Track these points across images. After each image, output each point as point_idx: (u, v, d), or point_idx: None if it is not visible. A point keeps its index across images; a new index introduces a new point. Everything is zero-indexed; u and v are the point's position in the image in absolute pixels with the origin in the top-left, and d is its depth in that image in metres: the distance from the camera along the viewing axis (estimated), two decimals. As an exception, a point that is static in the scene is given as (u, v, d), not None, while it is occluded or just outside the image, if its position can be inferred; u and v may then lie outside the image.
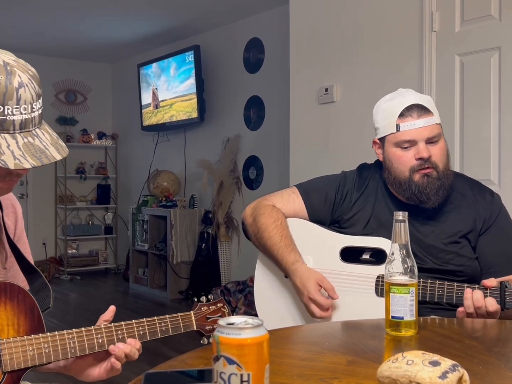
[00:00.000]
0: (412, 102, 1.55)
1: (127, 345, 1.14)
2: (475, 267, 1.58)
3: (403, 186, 1.57)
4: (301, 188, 1.73)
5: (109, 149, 6.92)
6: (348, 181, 1.70)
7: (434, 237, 1.58)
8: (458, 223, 1.59)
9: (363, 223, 1.63)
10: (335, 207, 1.67)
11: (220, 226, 5.13)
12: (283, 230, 1.63)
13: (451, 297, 1.44)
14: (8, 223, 1.27)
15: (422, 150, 1.53)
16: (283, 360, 1.02)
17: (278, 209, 1.68)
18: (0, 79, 0.97)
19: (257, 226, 1.66)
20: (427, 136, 1.53)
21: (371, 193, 1.67)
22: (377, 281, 1.54)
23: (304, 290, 1.52)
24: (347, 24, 3.36)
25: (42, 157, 1.02)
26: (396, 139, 1.55)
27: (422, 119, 1.53)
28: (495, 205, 1.62)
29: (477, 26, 2.75)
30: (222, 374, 0.70)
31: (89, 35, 5.64)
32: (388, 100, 1.61)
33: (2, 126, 0.99)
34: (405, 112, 1.54)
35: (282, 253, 1.59)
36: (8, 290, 1.10)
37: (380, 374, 0.86)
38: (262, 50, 4.91)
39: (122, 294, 5.67)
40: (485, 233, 1.59)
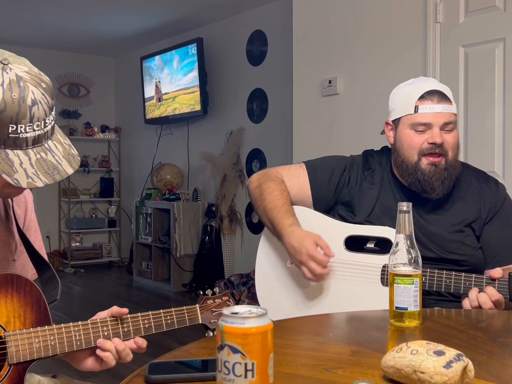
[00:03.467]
0: (433, 87, 1.55)
1: (122, 342, 1.13)
2: (478, 257, 1.58)
3: (409, 170, 1.56)
4: (308, 165, 1.74)
5: (112, 143, 6.93)
6: (355, 166, 1.70)
7: (439, 226, 1.58)
8: (463, 212, 1.59)
9: (368, 210, 1.62)
10: (338, 188, 1.68)
11: (224, 219, 5.13)
12: (287, 200, 1.63)
13: (459, 287, 1.44)
14: (19, 212, 1.28)
15: (436, 135, 1.52)
16: (287, 350, 1.02)
17: (285, 184, 1.69)
18: (13, 97, 0.97)
19: (262, 189, 1.67)
20: (443, 121, 1.53)
21: (377, 180, 1.66)
22: (382, 271, 1.53)
23: (302, 248, 1.50)
24: (350, 15, 3.35)
25: (55, 174, 1.03)
26: (413, 120, 1.55)
27: (441, 104, 1.53)
28: (500, 194, 1.62)
29: (481, 17, 2.74)
30: (226, 363, 0.71)
31: (92, 28, 5.63)
32: (409, 83, 1.61)
33: (15, 143, 1.00)
34: (426, 95, 1.53)
35: (281, 216, 1.59)
36: (15, 281, 1.11)
37: (384, 364, 0.86)
38: (265, 42, 4.90)
39: (125, 287, 5.69)
40: (490, 222, 1.59)
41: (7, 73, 0.98)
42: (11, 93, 0.97)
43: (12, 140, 0.99)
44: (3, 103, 0.97)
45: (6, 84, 0.97)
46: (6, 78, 0.98)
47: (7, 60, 1.00)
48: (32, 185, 1.01)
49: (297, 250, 1.52)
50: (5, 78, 0.98)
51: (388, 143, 1.69)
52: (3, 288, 1.09)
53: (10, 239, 1.24)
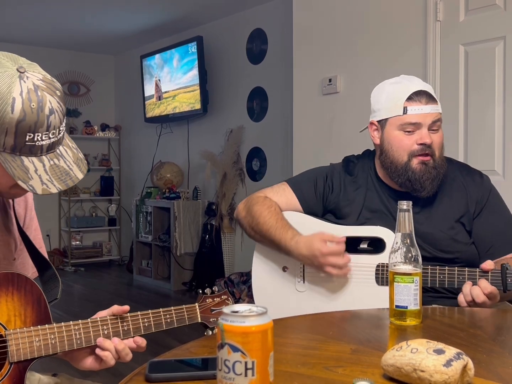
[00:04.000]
0: (420, 88, 1.55)
1: (122, 342, 1.13)
2: (472, 252, 1.58)
3: (399, 171, 1.57)
4: (290, 181, 1.74)
5: (112, 141, 6.92)
6: (336, 171, 1.70)
7: (429, 225, 1.58)
8: (450, 209, 1.60)
9: (356, 214, 1.63)
10: (325, 196, 1.68)
11: (224, 217, 5.13)
12: (277, 214, 1.63)
13: (453, 282, 1.44)
14: (19, 211, 1.28)
15: (425, 136, 1.53)
16: (288, 349, 1.02)
17: (270, 199, 1.68)
18: (32, 107, 0.99)
19: (251, 215, 1.67)
20: (431, 121, 1.54)
21: (362, 184, 1.67)
22: (377, 270, 1.54)
23: (315, 251, 1.50)
24: (350, 14, 3.35)
25: (67, 180, 1.05)
26: (401, 121, 1.55)
27: (429, 105, 1.54)
28: (485, 186, 1.63)
29: (481, 15, 2.73)
30: (226, 362, 0.71)
31: (92, 26, 5.63)
32: (393, 83, 1.61)
33: (31, 151, 1.01)
34: (413, 96, 1.54)
35: (280, 233, 1.58)
36: (16, 280, 1.11)
37: (385, 362, 0.86)
38: (265, 41, 4.89)
39: (126, 286, 5.69)
40: (479, 215, 1.59)
41: (25, 81, 1.00)
42: (30, 103, 0.99)
43: (28, 148, 1.01)
44: (23, 113, 0.98)
45: (25, 93, 0.99)
46: (24, 87, 0.99)
47: (23, 67, 1.01)
48: (46, 192, 1.03)
49: (311, 256, 1.52)
50: (23, 87, 0.99)
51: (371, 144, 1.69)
52: (4, 286, 1.10)
53: (10, 238, 1.24)
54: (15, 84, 0.99)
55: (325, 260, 1.50)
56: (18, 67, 1.01)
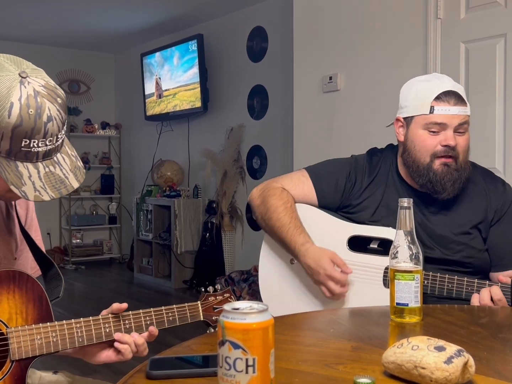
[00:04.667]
0: (450, 88, 1.52)
1: (141, 337, 1.15)
2: (484, 259, 1.56)
3: (420, 171, 1.54)
4: (311, 171, 1.69)
5: (113, 139, 6.92)
6: (359, 166, 1.67)
7: (445, 227, 1.56)
8: (469, 213, 1.57)
9: (371, 210, 1.61)
10: (345, 193, 1.65)
11: (224, 215, 5.13)
12: (292, 213, 1.60)
13: (461, 292, 1.43)
14: (20, 211, 1.29)
15: (449, 137, 1.51)
16: (288, 346, 1.02)
17: (287, 192, 1.65)
18: (30, 113, 0.98)
19: (265, 207, 1.64)
20: (458, 123, 1.51)
21: (382, 179, 1.64)
22: (385, 272, 1.52)
23: (319, 269, 1.49)
24: (351, 11, 3.34)
25: (61, 188, 1.05)
26: (427, 120, 1.52)
27: (457, 107, 1.51)
28: (507, 195, 1.59)
29: (482, 13, 2.73)
30: (227, 359, 0.71)
31: (92, 25, 5.62)
32: (423, 80, 1.58)
33: (26, 156, 1.01)
34: (442, 96, 1.51)
35: (291, 235, 1.56)
36: (17, 278, 1.11)
37: (385, 360, 0.86)
38: (265, 39, 4.89)
39: (126, 284, 5.69)
40: (497, 223, 1.57)
41: (25, 87, 0.99)
42: (28, 109, 0.98)
43: (23, 154, 1.01)
44: (20, 118, 0.98)
45: (24, 99, 0.98)
46: (24, 92, 0.99)
47: (25, 72, 1.01)
48: (38, 199, 1.02)
49: (314, 271, 1.51)
50: (23, 92, 0.99)
51: (395, 139, 1.66)
52: (5, 284, 1.10)
53: (10, 238, 1.25)
54: (15, 88, 0.98)
55: (325, 281, 1.50)
56: (21, 72, 1.00)
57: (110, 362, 1.17)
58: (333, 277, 1.48)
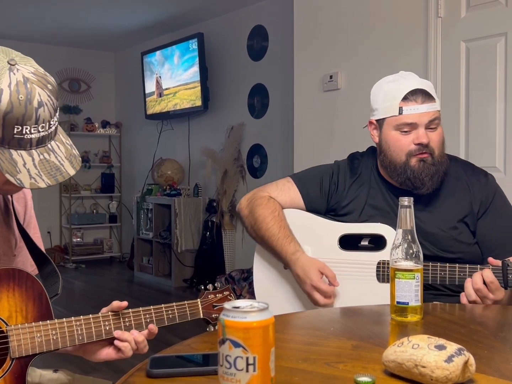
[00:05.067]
0: (416, 86, 1.54)
1: (140, 334, 1.15)
2: (475, 253, 1.57)
3: (398, 170, 1.56)
4: (296, 178, 1.72)
5: (113, 138, 6.92)
6: (341, 169, 1.69)
7: (432, 224, 1.57)
8: (453, 208, 1.58)
9: (358, 211, 1.63)
10: (330, 195, 1.67)
11: (224, 214, 5.13)
12: (281, 221, 1.62)
13: (454, 278, 1.44)
14: (18, 208, 1.28)
15: (421, 136, 1.52)
16: (288, 345, 1.02)
17: (274, 200, 1.67)
18: (20, 99, 0.98)
19: (254, 218, 1.65)
20: (428, 120, 1.53)
21: (365, 181, 1.66)
22: (378, 267, 1.54)
23: (306, 279, 1.52)
24: (351, 10, 3.34)
25: (57, 175, 1.04)
26: (397, 122, 1.54)
27: (425, 104, 1.52)
28: (490, 186, 1.61)
29: (483, 11, 2.73)
30: (228, 357, 0.71)
31: (92, 23, 5.62)
32: (390, 81, 1.59)
33: (19, 144, 1.01)
34: (409, 96, 1.53)
35: (281, 244, 1.58)
36: (17, 276, 1.11)
37: (386, 358, 0.86)
38: (266, 37, 4.89)
39: (127, 283, 5.69)
40: (484, 216, 1.58)
41: (14, 74, 0.99)
42: (18, 95, 0.98)
43: (16, 141, 1.00)
44: (10, 105, 0.97)
45: (13, 85, 0.98)
46: (13, 79, 0.98)
47: (14, 60, 1.01)
48: (34, 186, 1.01)
49: (302, 280, 1.54)
50: (12, 79, 0.98)
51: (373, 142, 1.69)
52: (5, 282, 1.10)
53: (10, 234, 1.24)
54: (4, 75, 0.98)
55: (310, 291, 1.53)
56: (9, 60, 1.00)
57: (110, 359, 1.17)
58: (318, 288, 1.51)
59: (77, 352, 1.19)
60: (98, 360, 1.19)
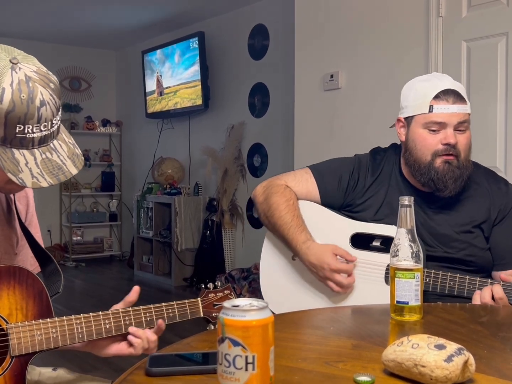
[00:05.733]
0: (449, 87, 1.53)
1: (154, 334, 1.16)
2: (486, 258, 1.57)
3: (422, 170, 1.55)
4: (315, 169, 1.70)
5: (114, 136, 6.92)
6: (362, 165, 1.67)
7: (447, 226, 1.57)
8: (472, 212, 1.58)
9: (375, 209, 1.61)
10: (348, 191, 1.65)
11: (225, 213, 5.13)
12: (294, 210, 1.61)
13: (463, 290, 1.44)
14: (20, 207, 1.28)
15: (450, 136, 1.51)
16: (288, 344, 1.02)
17: (290, 189, 1.66)
18: (22, 98, 0.98)
19: (268, 204, 1.65)
20: (457, 121, 1.52)
21: (385, 178, 1.65)
22: (387, 270, 1.52)
23: (324, 264, 1.50)
24: (352, 9, 3.34)
25: (59, 174, 1.04)
26: (427, 119, 1.53)
27: (456, 105, 1.51)
28: (510, 196, 1.60)
29: (484, 11, 2.72)
30: (227, 356, 0.71)
31: (93, 21, 5.62)
32: (423, 80, 1.59)
33: (21, 143, 1.00)
34: (441, 95, 1.51)
35: (293, 232, 1.57)
36: (17, 274, 1.11)
37: (385, 358, 0.86)
38: (267, 36, 4.88)
39: (126, 281, 5.69)
40: (500, 223, 1.57)
41: (16, 72, 0.99)
42: (20, 94, 0.98)
43: (18, 140, 1.00)
44: (12, 103, 0.97)
45: (15, 84, 0.98)
46: (15, 78, 0.98)
47: (16, 59, 1.00)
48: (36, 185, 1.01)
49: (318, 267, 1.52)
50: (14, 78, 0.98)
51: (398, 140, 1.67)
52: (6, 280, 1.10)
53: (12, 233, 1.24)
54: (6, 74, 0.98)
55: (331, 276, 1.50)
56: (11, 58, 1.00)
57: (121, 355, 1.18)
58: (339, 269, 1.49)
59: (86, 348, 1.19)
60: (107, 355, 1.19)
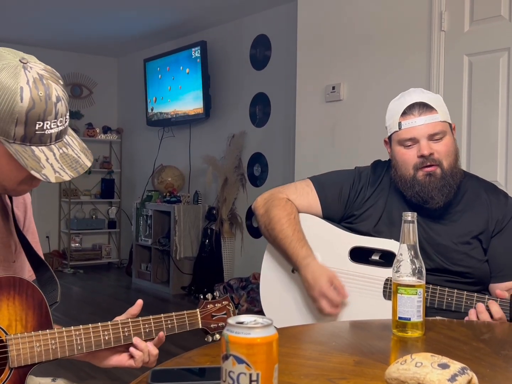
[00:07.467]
0: (415, 100, 1.55)
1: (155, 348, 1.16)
2: (484, 270, 1.57)
3: (407, 185, 1.56)
4: (316, 181, 1.71)
5: (114, 144, 6.92)
6: (363, 177, 1.69)
7: (445, 237, 1.57)
8: (470, 224, 1.58)
9: (375, 219, 1.62)
10: (349, 203, 1.66)
11: (224, 222, 5.13)
12: (295, 225, 1.62)
13: (460, 306, 1.44)
14: (18, 214, 1.28)
15: (423, 147, 1.52)
16: (291, 359, 1.01)
17: (291, 203, 1.67)
18: (40, 95, 0.99)
19: (269, 217, 1.65)
20: (428, 133, 1.52)
21: (384, 189, 1.66)
22: (385, 284, 1.53)
23: (315, 285, 1.51)
24: (355, 21, 3.35)
25: (78, 167, 1.06)
26: (399, 137, 1.57)
27: (423, 116, 1.53)
28: (509, 207, 1.60)
29: (486, 26, 2.74)
30: (231, 373, 0.70)
31: (95, 29, 5.63)
32: (396, 99, 1.63)
33: (41, 140, 1.02)
34: (407, 110, 1.55)
35: (294, 247, 1.58)
36: (18, 284, 1.10)
37: (388, 376, 0.86)
38: (268, 47, 4.90)
39: (124, 289, 5.67)
40: (498, 235, 1.58)
41: (29, 71, 1.01)
42: (37, 91, 0.99)
43: (38, 137, 1.02)
44: (32, 101, 0.99)
45: (31, 82, 1.00)
46: (29, 76, 1.00)
47: (25, 58, 1.02)
48: (60, 180, 1.03)
49: (311, 286, 1.53)
50: (29, 76, 1.00)
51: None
52: (6, 291, 1.09)
53: (10, 240, 1.24)
54: (19, 74, 0.99)
55: (318, 297, 1.52)
56: (21, 58, 1.02)
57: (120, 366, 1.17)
58: (326, 295, 1.50)
59: (85, 358, 1.19)
60: (106, 366, 1.18)
